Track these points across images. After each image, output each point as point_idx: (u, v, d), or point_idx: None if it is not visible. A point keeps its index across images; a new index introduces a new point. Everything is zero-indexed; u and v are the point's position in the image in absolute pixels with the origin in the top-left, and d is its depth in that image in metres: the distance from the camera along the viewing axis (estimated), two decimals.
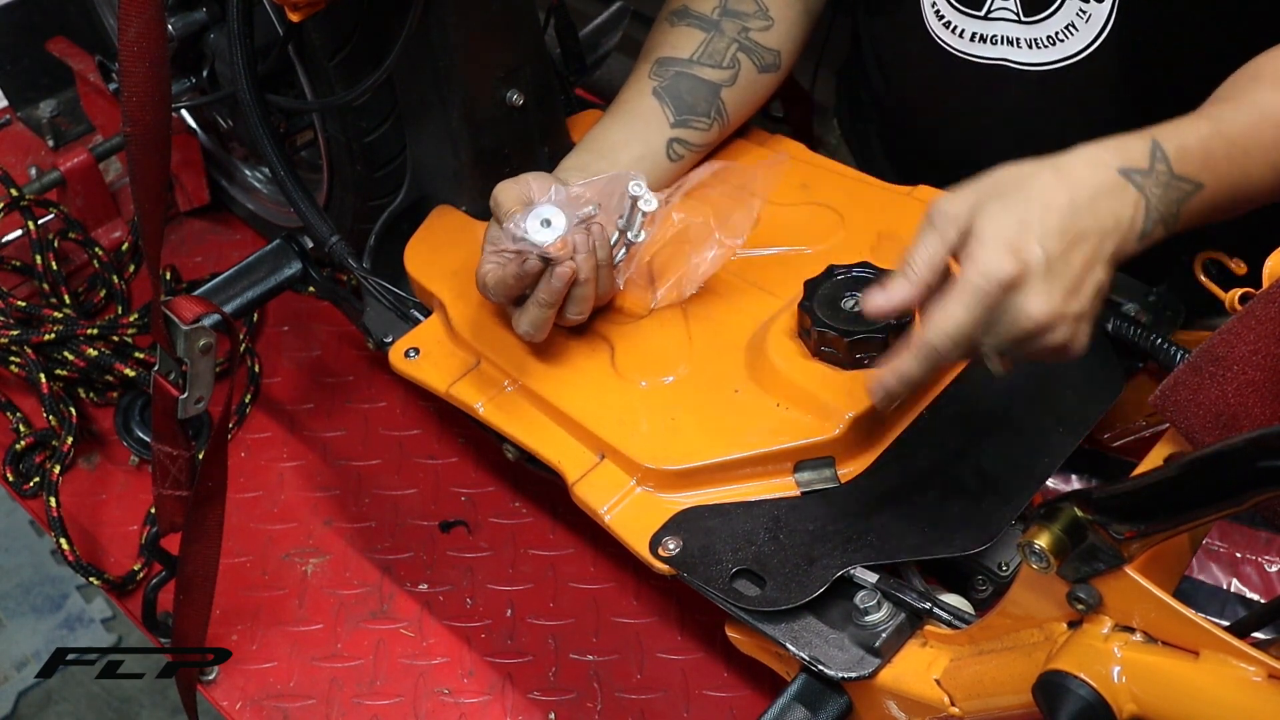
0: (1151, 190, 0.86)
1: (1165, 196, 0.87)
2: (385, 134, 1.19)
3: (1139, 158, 0.86)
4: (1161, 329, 1.04)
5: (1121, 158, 0.86)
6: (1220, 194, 0.90)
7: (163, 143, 0.87)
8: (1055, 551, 0.68)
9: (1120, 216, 0.84)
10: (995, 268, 0.79)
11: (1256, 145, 0.91)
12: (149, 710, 2.00)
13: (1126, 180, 0.85)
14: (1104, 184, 0.84)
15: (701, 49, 1.14)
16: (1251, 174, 0.91)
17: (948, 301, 0.81)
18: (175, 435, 0.99)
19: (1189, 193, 0.88)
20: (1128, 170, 0.86)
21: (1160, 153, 0.87)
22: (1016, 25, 1.08)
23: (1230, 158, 0.90)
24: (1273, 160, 0.92)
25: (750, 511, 0.95)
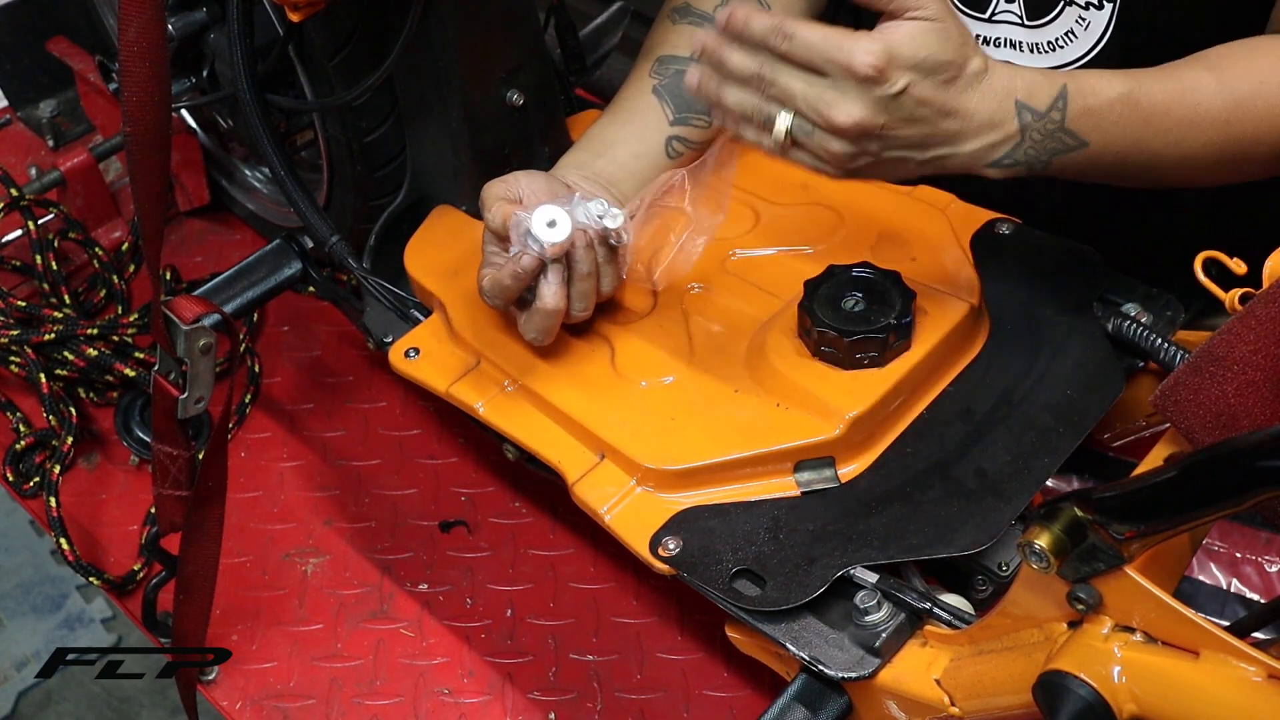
0: (1033, 133, 0.89)
1: (1044, 144, 0.90)
2: (385, 134, 1.19)
3: (1041, 99, 0.89)
4: (1161, 329, 1.04)
5: (1028, 92, 0.89)
6: (1105, 157, 0.92)
7: (163, 143, 0.87)
8: (1055, 551, 0.68)
9: (985, 139, 0.88)
10: (861, 56, 0.83)
11: (1165, 118, 0.92)
12: (149, 710, 2.00)
13: (1017, 114, 0.88)
14: (997, 104, 0.88)
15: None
16: (1147, 145, 0.93)
17: (811, 26, 0.85)
18: (175, 435, 0.99)
19: (1071, 147, 0.91)
20: (1024, 105, 0.88)
21: (1062, 103, 0.89)
22: (1020, 29, 1.08)
23: (1130, 123, 0.92)
24: (1175, 138, 0.93)
25: (750, 511, 0.95)
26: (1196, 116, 0.93)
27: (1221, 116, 0.93)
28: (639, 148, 1.11)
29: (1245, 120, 0.94)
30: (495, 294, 0.99)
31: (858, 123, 0.85)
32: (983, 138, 0.88)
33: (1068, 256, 1.08)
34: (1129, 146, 0.93)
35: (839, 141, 0.86)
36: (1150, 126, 0.92)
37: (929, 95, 0.85)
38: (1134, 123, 0.92)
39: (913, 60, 0.84)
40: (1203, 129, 0.93)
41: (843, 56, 0.83)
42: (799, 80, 0.85)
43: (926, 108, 0.86)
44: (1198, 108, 0.93)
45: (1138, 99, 0.92)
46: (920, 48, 0.84)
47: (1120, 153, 0.93)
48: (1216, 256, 0.93)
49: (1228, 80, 0.94)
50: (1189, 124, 0.93)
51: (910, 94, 0.84)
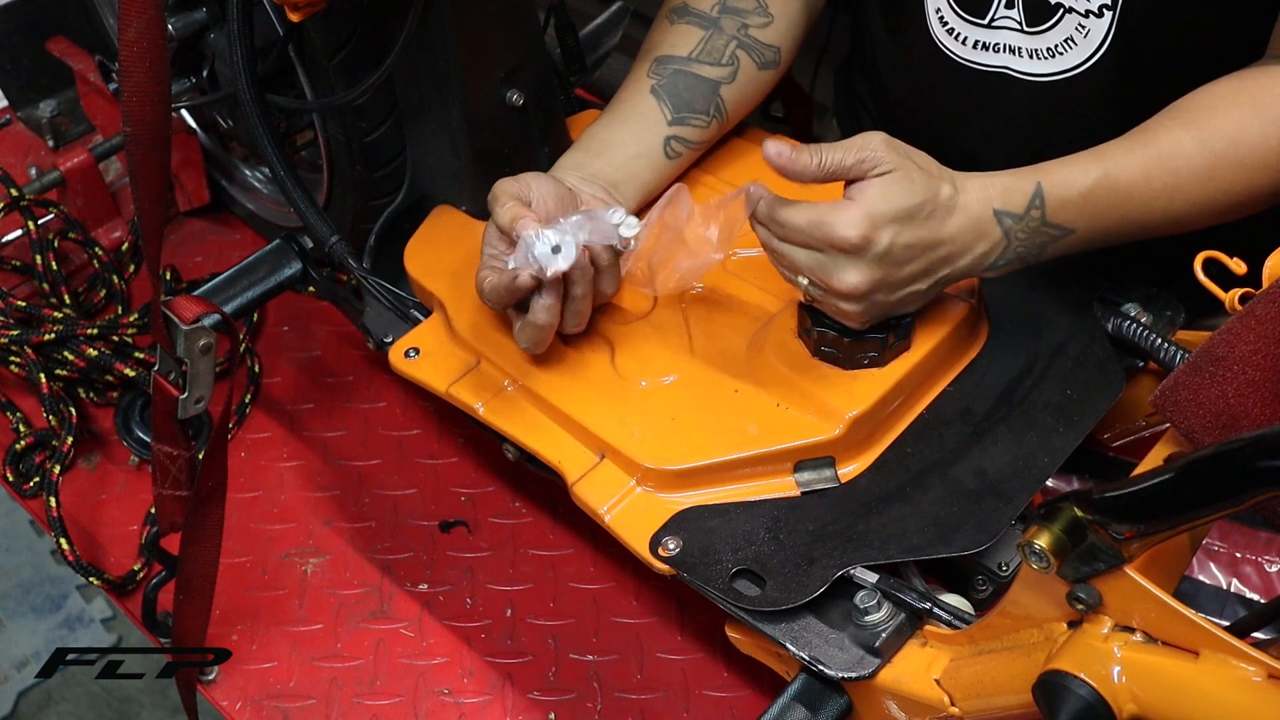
0: (1018, 234, 0.94)
1: (1030, 240, 0.94)
2: (385, 134, 1.19)
3: (1018, 202, 0.93)
4: (1161, 329, 1.04)
5: (1003, 199, 0.93)
6: (1093, 237, 0.96)
7: (163, 143, 0.87)
8: (1055, 551, 0.68)
9: (975, 251, 0.93)
10: (843, 231, 0.89)
11: (1145, 190, 0.94)
12: (149, 710, 2.00)
13: (997, 221, 0.93)
14: (976, 220, 0.93)
15: (700, 46, 1.14)
16: (1133, 219, 0.96)
17: (797, 210, 0.92)
18: (175, 435, 0.99)
19: (1057, 237, 0.95)
20: (1002, 213, 0.93)
21: (1040, 200, 0.94)
22: (1019, 35, 1.08)
23: (1111, 205, 0.94)
24: (1160, 206, 0.95)
25: (750, 511, 0.95)
26: (1179, 180, 0.94)
27: (1204, 174, 0.94)
28: (637, 148, 1.11)
29: (1227, 174, 0.94)
30: (493, 299, 0.99)
31: (857, 287, 0.91)
32: (973, 251, 0.94)
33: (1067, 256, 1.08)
34: (1117, 222, 0.95)
35: (849, 303, 0.93)
36: (1133, 201, 0.94)
37: (914, 239, 0.91)
38: (1116, 202, 0.94)
39: (890, 216, 0.90)
40: (1187, 190, 0.95)
41: (827, 234, 0.90)
42: (801, 254, 0.93)
43: (915, 248, 0.91)
44: (1179, 172, 0.94)
45: (1115, 179, 0.94)
46: (893, 201, 0.90)
47: (1109, 229, 0.96)
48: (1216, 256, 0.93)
49: (1206, 137, 0.94)
50: (1173, 189, 0.95)
51: (897, 244, 0.90)
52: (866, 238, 0.89)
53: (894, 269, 0.91)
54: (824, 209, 0.91)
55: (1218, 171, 0.94)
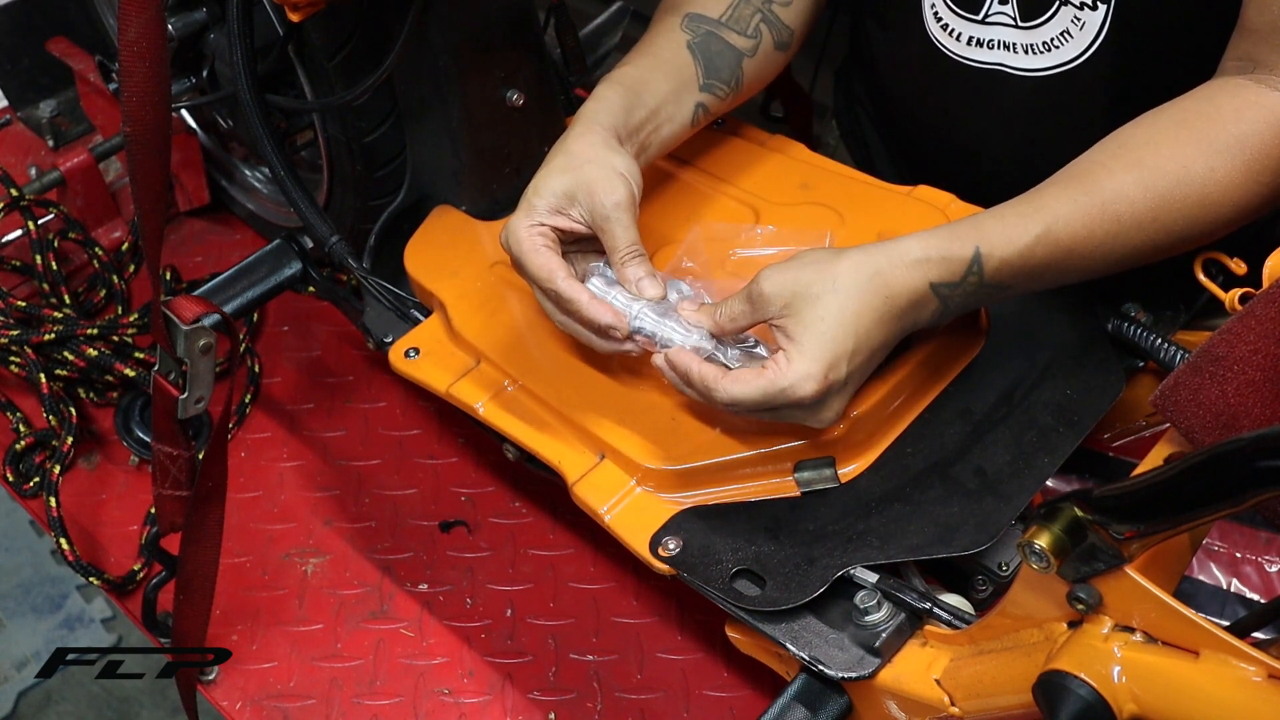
0: (954, 299, 0.92)
1: (967, 301, 0.93)
2: (385, 134, 1.19)
3: (955, 271, 0.91)
4: (1161, 329, 1.04)
5: (940, 270, 0.91)
6: (1035, 288, 0.95)
7: (163, 143, 0.87)
8: (1055, 551, 0.68)
9: (918, 321, 0.92)
10: (802, 390, 0.87)
11: (1087, 242, 0.92)
12: (149, 710, 2.00)
13: (934, 293, 0.91)
14: (915, 297, 0.91)
15: (730, 12, 1.12)
16: (1074, 269, 0.94)
17: (749, 380, 0.89)
18: (175, 435, 0.99)
19: (994, 294, 0.93)
20: (939, 284, 0.91)
21: (978, 265, 0.91)
22: (1013, 30, 1.08)
23: (1051, 261, 0.92)
24: (1103, 253, 0.93)
25: (750, 511, 0.95)
26: (1121, 228, 0.92)
27: (1147, 218, 0.92)
28: (674, 110, 1.08)
29: (1170, 215, 0.92)
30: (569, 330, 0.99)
31: (839, 413, 0.92)
32: (915, 322, 0.92)
33: None
34: (1055, 276, 0.94)
35: (836, 421, 0.93)
36: (1074, 255, 0.92)
37: (866, 351, 0.90)
38: (1056, 257, 0.92)
39: (836, 353, 0.88)
40: (1130, 235, 0.92)
41: (789, 399, 0.88)
42: (768, 415, 0.92)
43: (871, 355, 0.91)
44: (1120, 219, 0.92)
45: (1056, 235, 0.91)
46: (832, 338, 0.88)
47: (1050, 280, 0.94)
48: (1216, 256, 0.93)
49: (1150, 179, 0.92)
50: (1114, 237, 0.92)
51: (855, 366, 0.90)
52: (827, 382, 0.88)
53: (856, 379, 0.91)
54: (771, 376, 0.88)
55: (1161, 213, 0.91)
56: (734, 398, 0.89)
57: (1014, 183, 0.96)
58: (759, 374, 0.89)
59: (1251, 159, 0.91)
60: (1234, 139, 0.91)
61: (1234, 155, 0.91)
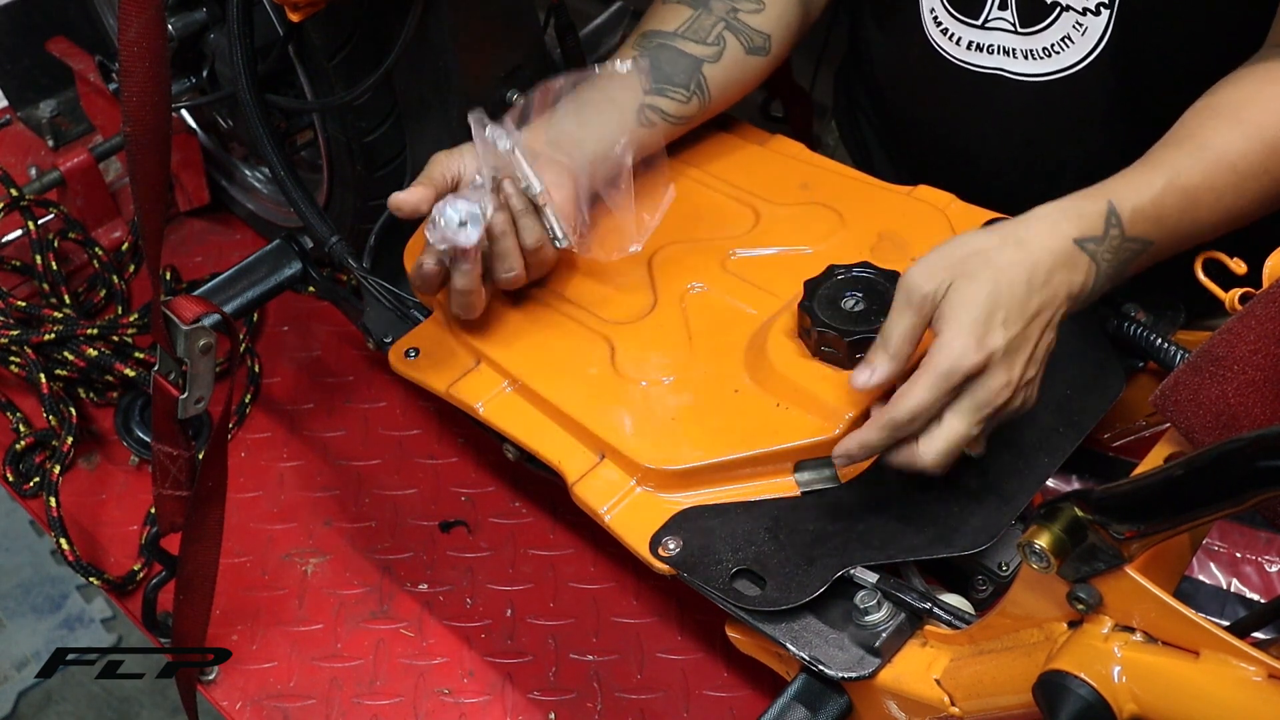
0: (1103, 256, 0.91)
1: (1116, 259, 0.91)
2: (385, 134, 1.19)
3: (1094, 225, 0.90)
4: (1161, 329, 1.04)
5: (1078, 226, 0.90)
6: (1169, 247, 0.94)
7: (163, 143, 0.87)
8: (1055, 551, 0.68)
9: (1073, 284, 0.90)
10: (961, 358, 0.85)
11: (1209, 193, 0.93)
12: (149, 710, 2.00)
13: (1081, 249, 0.90)
14: (1060, 256, 0.89)
15: (687, 24, 1.13)
16: (1202, 221, 0.94)
17: (914, 383, 0.87)
18: (175, 435, 0.99)
19: (1138, 251, 0.93)
20: (1083, 239, 0.90)
21: (1115, 217, 0.91)
22: (1012, 36, 1.08)
23: (1182, 210, 0.93)
24: (1224, 205, 0.94)
25: (750, 511, 0.95)
26: (1238, 177, 0.93)
27: (1259, 168, 0.93)
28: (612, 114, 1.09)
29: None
30: (419, 286, 1.02)
31: (1010, 383, 0.87)
32: (1071, 286, 0.90)
33: None
34: (1189, 227, 0.94)
35: (1016, 402, 0.89)
36: (1201, 206, 0.93)
37: (1018, 314, 0.87)
38: (1187, 207, 0.93)
39: (984, 317, 0.86)
40: (1247, 186, 0.94)
41: (954, 374, 0.86)
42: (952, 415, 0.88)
43: (1025, 320, 0.88)
44: (1236, 168, 0.93)
45: (1180, 185, 0.92)
46: (976, 304, 0.86)
47: (1181, 237, 0.94)
48: (1216, 256, 0.93)
49: (1253, 131, 0.93)
50: (1233, 187, 0.93)
51: (1011, 332, 0.87)
52: (985, 349, 0.85)
53: (1024, 347, 0.88)
54: (932, 364, 0.86)
55: (1271, 162, 0.93)
56: (907, 408, 0.86)
57: (1013, 187, 0.96)
58: (921, 373, 0.86)
59: None
60: None
61: None
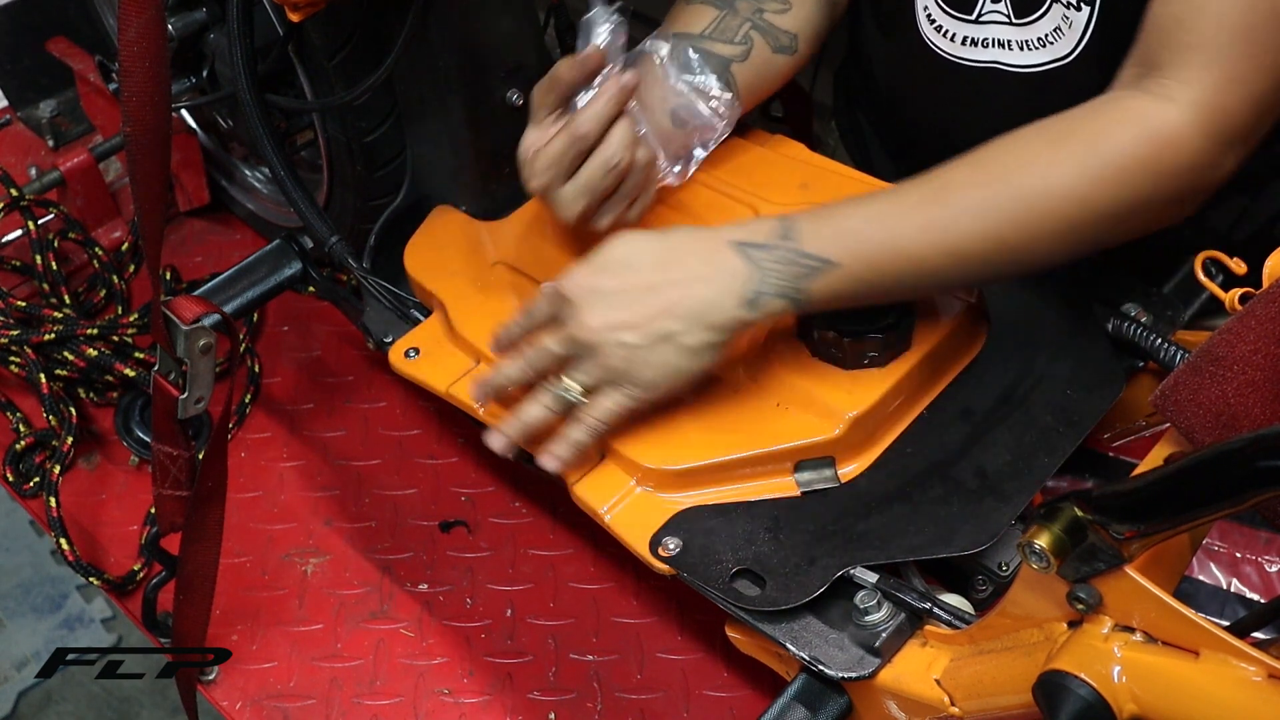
0: (768, 264, 0.90)
1: (786, 271, 0.90)
2: (385, 134, 1.19)
3: (763, 235, 0.91)
4: (1161, 329, 1.04)
5: (745, 233, 0.92)
6: (864, 275, 0.90)
7: (163, 143, 0.87)
8: (1055, 551, 0.68)
9: (715, 283, 0.90)
10: (562, 282, 0.93)
11: (911, 222, 0.90)
12: (149, 710, 2.00)
13: (737, 252, 0.91)
14: (706, 252, 0.91)
15: (714, 25, 1.13)
16: (903, 250, 0.90)
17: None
18: (175, 435, 0.99)
19: (817, 269, 0.90)
20: (744, 244, 0.91)
21: (789, 231, 0.91)
22: (1008, 28, 1.08)
23: (872, 235, 0.90)
24: (930, 238, 0.89)
25: (750, 511, 0.95)
26: (951, 213, 0.89)
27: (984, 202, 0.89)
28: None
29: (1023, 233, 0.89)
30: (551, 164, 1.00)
31: (593, 328, 0.92)
32: (710, 282, 0.91)
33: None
34: (888, 253, 0.90)
35: (604, 355, 0.92)
36: (900, 232, 0.89)
37: (631, 278, 0.92)
38: (878, 231, 0.90)
39: (587, 266, 0.93)
40: (964, 215, 0.89)
41: (551, 289, 0.94)
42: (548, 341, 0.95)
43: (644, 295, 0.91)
44: (949, 204, 0.90)
45: (877, 207, 0.91)
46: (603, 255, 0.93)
47: (877, 265, 0.90)
48: (1216, 256, 0.93)
49: (1001, 196, 0.89)
50: (946, 221, 0.89)
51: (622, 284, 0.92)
52: (591, 281, 0.92)
53: (631, 301, 0.91)
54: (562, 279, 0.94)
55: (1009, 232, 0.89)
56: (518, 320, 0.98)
57: None
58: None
59: (1120, 175, 0.87)
60: (1102, 155, 0.88)
61: (1100, 172, 0.88)
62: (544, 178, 1.02)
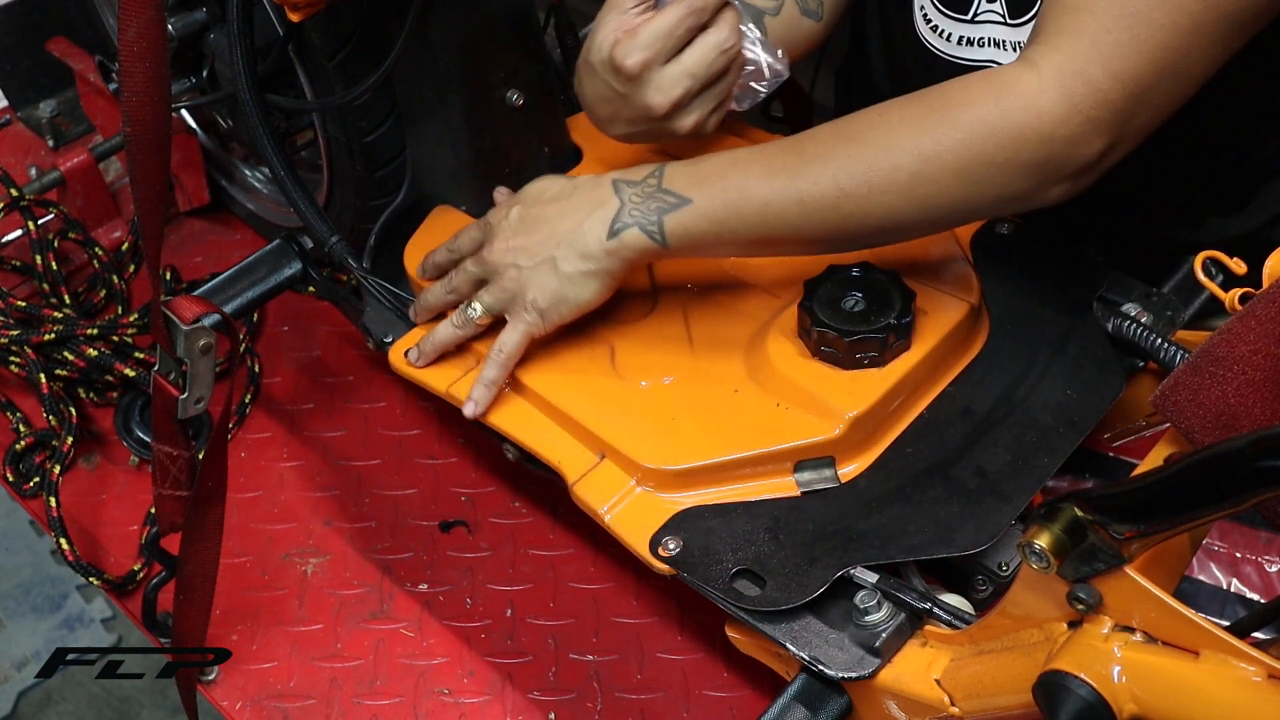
0: (632, 198, 0.96)
1: (646, 205, 0.95)
2: (385, 134, 1.19)
3: (639, 174, 0.97)
4: (1161, 329, 1.04)
5: (625, 173, 0.99)
6: (716, 211, 0.93)
7: (163, 143, 0.87)
8: (1055, 551, 0.68)
9: (589, 211, 0.97)
10: (491, 211, 1.05)
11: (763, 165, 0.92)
12: (149, 710, 2.00)
13: (612, 187, 0.98)
14: (594, 184, 0.99)
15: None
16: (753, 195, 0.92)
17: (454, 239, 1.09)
18: (175, 435, 0.99)
19: (673, 204, 0.95)
20: (619, 180, 0.98)
21: (660, 171, 0.97)
22: (1003, 28, 1.08)
23: (726, 174, 0.93)
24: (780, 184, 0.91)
25: (750, 511, 0.95)
26: (803, 164, 0.91)
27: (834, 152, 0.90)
28: None
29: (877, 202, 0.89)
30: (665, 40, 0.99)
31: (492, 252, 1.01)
32: (587, 213, 0.97)
33: (1068, 256, 1.08)
34: (739, 196, 0.92)
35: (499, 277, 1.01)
36: (751, 174, 0.92)
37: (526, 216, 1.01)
38: (733, 171, 0.93)
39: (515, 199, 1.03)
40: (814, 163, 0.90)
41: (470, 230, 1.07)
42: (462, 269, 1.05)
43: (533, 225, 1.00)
44: (803, 154, 0.91)
45: (739, 155, 0.94)
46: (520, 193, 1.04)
47: (733, 203, 0.92)
48: (1216, 256, 0.93)
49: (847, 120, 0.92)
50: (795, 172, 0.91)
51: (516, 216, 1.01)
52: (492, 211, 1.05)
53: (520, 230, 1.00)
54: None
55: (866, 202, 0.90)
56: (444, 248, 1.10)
57: None
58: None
59: (966, 133, 0.86)
60: (953, 114, 0.87)
61: (945, 129, 0.87)
62: (646, 53, 0.99)
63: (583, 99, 1.07)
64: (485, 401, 1.02)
